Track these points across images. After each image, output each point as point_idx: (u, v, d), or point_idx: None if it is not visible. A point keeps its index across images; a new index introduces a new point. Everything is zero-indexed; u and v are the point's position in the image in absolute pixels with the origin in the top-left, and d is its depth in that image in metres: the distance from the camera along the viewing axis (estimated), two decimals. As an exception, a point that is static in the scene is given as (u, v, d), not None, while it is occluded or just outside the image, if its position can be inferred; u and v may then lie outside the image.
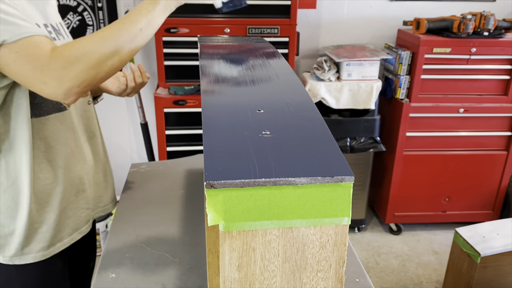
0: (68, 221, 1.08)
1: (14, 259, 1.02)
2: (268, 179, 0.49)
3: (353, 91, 2.54)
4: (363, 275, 0.98)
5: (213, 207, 0.50)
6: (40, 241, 1.03)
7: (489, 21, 2.40)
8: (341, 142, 2.62)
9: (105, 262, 1.01)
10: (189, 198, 1.28)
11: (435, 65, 2.51)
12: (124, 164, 2.69)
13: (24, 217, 0.99)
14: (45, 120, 0.98)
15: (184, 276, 0.96)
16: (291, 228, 0.53)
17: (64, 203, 1.06)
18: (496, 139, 2.67)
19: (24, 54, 0.79)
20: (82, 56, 0.80)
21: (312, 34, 2.88)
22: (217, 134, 0.60)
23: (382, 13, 2.86)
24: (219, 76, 0.87)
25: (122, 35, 0.85)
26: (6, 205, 0.98)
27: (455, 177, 2.73)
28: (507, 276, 1.97)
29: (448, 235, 2.80)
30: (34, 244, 1.02)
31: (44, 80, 0.80)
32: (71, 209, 1.08)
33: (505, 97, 2.59)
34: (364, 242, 2.78)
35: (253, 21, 2.38)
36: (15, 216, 0.99)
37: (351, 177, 0.51)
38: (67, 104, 0.90)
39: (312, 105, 0.72)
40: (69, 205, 1.07)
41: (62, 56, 0.80)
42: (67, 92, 0.81)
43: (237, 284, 0.55)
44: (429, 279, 2.44)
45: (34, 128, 0.97)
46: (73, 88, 0.81)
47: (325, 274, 0.56)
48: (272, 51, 1.07)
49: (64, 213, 1.06)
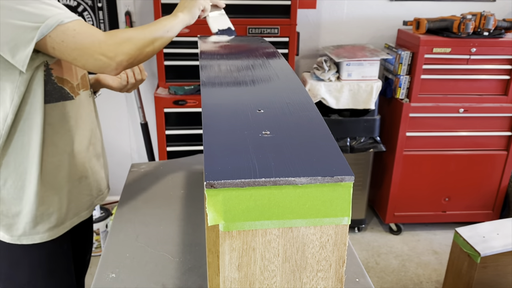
0: (71, 205, 1.15)
1: (22, 239, 1.09)
2: (268, 179, 0.49)
3: (353, 91, 2.54)
4: (363, 275, 0.98)
5: (213, 207, 0.50)
6: (47, 222, 1.10)
7: (489, 21, 2.40)
8: (341, 142, 2.62)
9: (105, 262, 1.01)
10: (189, 198, 1.28)
11: (435, 65, 2.51)
12: (124, 164, 2.69)
13: (31, 198, 1.06)
14: (54, 106, 1.06)
15: (184, 276, 0.96)
16: (291, 228, 0.53)
17: (69, 187, 1.13)
18: (496, 139, 2.67)
19: (82, 32, 0.95)
20: (132, 38, 1.00)
21: (312, 34, 2.88)
22: (217, 134, 0.60)
23: (382, 13, 2.86)
24: (219, 76, 0.87)
25: (156, 30, 1.06)
26: (13, 186, 1.05)
27: (455, 177, 2.73)
28: (507, 276, 1.97)
29: (448, 235, 2.80)
30: (41, 224, 1.09)
31: (102, 52, 0.95)
32: (74, 193, 1.15)
33: (505, 97, 2.59)
34: (364, 242, 2.78)
35: (253, 21, 2.38)
36: (22, 197, 1.06)
37: (351, 177, 0.51)
38: (114, 74, 1.03)
39: (312, 105, 0.72)
40: (72, 189, 1.14)
41: (116, 36, 0.99)
42: (119, 64, 0.98)
43: (237, 284, 0.55)
44: (429, 279, 2.44)
45: (44, 113, 1.05)
46: (123, 61, 0.98)
47: (325, 274, 0.56)
48: (272, 51, 1.07)
49: (68, 197, 1.13)
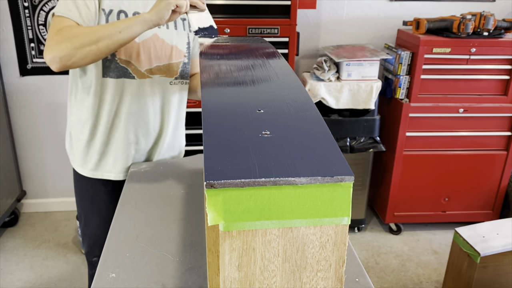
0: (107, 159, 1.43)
1: (91, 173, 1.44)
2: (268, 179, 0.49)
3: (353, 91, 2.54)
4: (363, 275, 0.98)
5: (213, 207, 0.50)
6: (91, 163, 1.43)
7: (488, 21, 2.41)
8: (341, 142, 2.62)
9: (105, 262, 1.01)
10: (189, 198, 1.28)
11: (435, 65, 2.51)
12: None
13: (98, 145, 1.40)
14: (114, 81, 1.32)
15: (184, 276, 0.96)
16: (291, 228, 0.53)
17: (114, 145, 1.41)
18: (496, 139, 2.67)
19: (52, 26, 1.17)
20: (74, 37, 1.12)
21: (312, 34, 2.88)
22: (217, 134, 0.60)
23: (382, 13, 2.86)
24: (219, 76, 0.87)
25: (103, 32, 1.13)
26: (87, 135, 1.39)
27: (455, 177, 2.73)
28: (507, 276, 1.97)
29: (448, 235, 2.80)
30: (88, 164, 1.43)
31: (46, 47, 1.13)
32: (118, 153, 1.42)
33: (505, 97, 2.59)
34: (364, 242, 2.78)
35: (253, 21, 2.38)
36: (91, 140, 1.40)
37: (351, 177, 0.51)
38: (54, 69, 1.16)
39: (312, 105, 0.72)
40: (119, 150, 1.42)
41: (61, 34, 1.13)
42: (51, 59, 1.12)
43: (237, 284, 0.55)
44: (429, 279, 2.44)
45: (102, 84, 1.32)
46: (56, 58, 1.12)
47: (325, 273, 0.56)
48: (272, 51, 1.07)
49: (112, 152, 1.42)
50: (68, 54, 1.11)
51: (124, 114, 1.37)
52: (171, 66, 1.40)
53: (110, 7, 1.26)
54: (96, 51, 1.13)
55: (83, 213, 1.54)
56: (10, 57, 2.70)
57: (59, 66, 1.13)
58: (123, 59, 1.31)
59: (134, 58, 1.32)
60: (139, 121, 1.40)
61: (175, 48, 1.39)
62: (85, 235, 1.56)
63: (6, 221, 2.80)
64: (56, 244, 2.69)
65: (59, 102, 2.81)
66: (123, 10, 1.28)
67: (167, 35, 1.37)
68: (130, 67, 1.33)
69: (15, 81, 2.75)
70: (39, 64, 2.73)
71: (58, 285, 2.35)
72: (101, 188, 1.46)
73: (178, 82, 1.44)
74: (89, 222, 1.52)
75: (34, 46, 2.68)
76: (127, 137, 1.41)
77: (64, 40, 1.11)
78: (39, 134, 2.89)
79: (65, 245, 2.68)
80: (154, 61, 1.36)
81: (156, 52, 1.35)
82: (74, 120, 1.41)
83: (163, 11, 1.13)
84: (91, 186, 1.46)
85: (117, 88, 1.33)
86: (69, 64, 1.13)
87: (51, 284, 2.35)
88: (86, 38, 1.11)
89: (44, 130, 2.88)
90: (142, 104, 1.38)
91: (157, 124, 1.45)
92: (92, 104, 1.35)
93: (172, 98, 1.45)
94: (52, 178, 3.01)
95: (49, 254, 2.59)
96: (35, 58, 2.71)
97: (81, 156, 1.43)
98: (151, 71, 1.36)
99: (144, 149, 1.47)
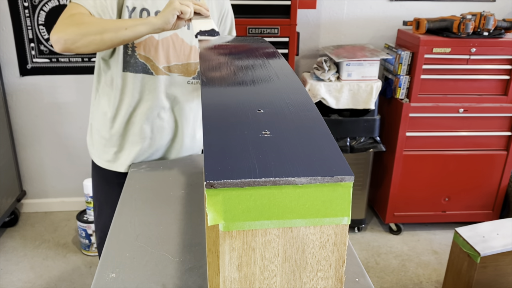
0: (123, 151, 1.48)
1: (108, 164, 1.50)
2: (268, 178, 0.49)
3: (353, 91, 2.54)
4: (363, 275, 0.98)
5: (213, 207, 0.50)
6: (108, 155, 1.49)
7: (489, 21, 2.41)
8: (341, 142, 2.62)
9: (105, 262, 1.01)
10: (189, 198, 1.28)
11: (435, 65, 2.51)
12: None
13: (115, 137, 1.46)
14: (134, 76, 1.38)
15: (184, 276, 0.96)
16: (291, 227, 0.53)
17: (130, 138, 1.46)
18: (496, 139, 2.67)
19: (66, 10, 1.23)
20: (81, 24, 1.18)
21: (312, 34, 2.88)
22: (217, 134, 0.60)
23: (382, 13, 2.86)
24: (219, 76, 0.87)
25: (110, 25, 1.18)
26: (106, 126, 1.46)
27: (455, 177, 2.73)
28: (507, 276, 1.97)
29: (448, 235, 2.80)
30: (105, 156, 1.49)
31: (56, 26, 1.19)
32: (133, 147, 1.47)
33: (505, 97, 2.59)
34: (364, 242, 2.78)
35: (253, 21, 2.38)
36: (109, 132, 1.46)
37: (351, 177, 0.51)
38: (57, 50, 1.21)
39: (312, 105, 0.72)
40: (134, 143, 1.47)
41: (71, 19, 1.19)
42: (57, 40, 1.18)
43: (237, 284, 0.55)
44: (429, 279, 2.44)
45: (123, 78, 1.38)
46: (61, 39, 1.17)
47: (325, 273, 0.56)
48: (272, 51, 1.07)
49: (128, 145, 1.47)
50: (73, 38, 1.16)
51: (141, 109, 1.42)
52: (189, 66, 1.43)
53: (133, 5, 1.30)
54: (100, 41, 1.18)
55: (97, 204, 1.59)
56: (10, 57, 2.70)
57: (63, 48, 1.18)
58: (142, 54, 1.36)
59: (152, 55, 1.37)
60: (155, 116, 1.44)
61: (194, 48, 1.42)
62: (97, 227, 1.61)
63: (6, 221, 2.81)
64: (56, 244, 2.69)
65: (59, 102, 2.81)
66: (145, 8, 1.31)
67: (187, 36, 1.40)
68: (149, 63, 1.37)
69: (15, 81, 2.75)
70: (39, 64, 2.73)
71: (58, 285, 2.35)
72: (116, 180, 1.50)
73: (196, 82, 1.47)
74: (102, 213, 1.56)
75: (34, 46, 2.69)
76: (143, 131, 1.45)
77: (73, 24, 1.17)
78: (39, 134, 2.89)
79: (65, 245, 2.68)
80: (172, 59, 1.39)
81: (174, 51, 1.39)
82: (95, 112, 1.48)
83: (168, 16, 1.16)
84: (107, 177, 1.52)
85: (136, 83, 1.38)
86: (72, 48, 1.18)
87: (51, 284, 2.35)
88: (93, 27, 1.17)
89: (44, 130, 2.88)
90: (159, 100, 1.42)
91: (172, 121, 1.48)
92: (113, 97, 1.41)
93: (189, 97, 1.48)
94: (52, 178, 3.01)
95: (49, 254, 2.60)
96: (35, 58, 2.71)
97: (100, 147, 1.49)
98: (169, 68, 1.40)
99: (160, 145, 1.50)
